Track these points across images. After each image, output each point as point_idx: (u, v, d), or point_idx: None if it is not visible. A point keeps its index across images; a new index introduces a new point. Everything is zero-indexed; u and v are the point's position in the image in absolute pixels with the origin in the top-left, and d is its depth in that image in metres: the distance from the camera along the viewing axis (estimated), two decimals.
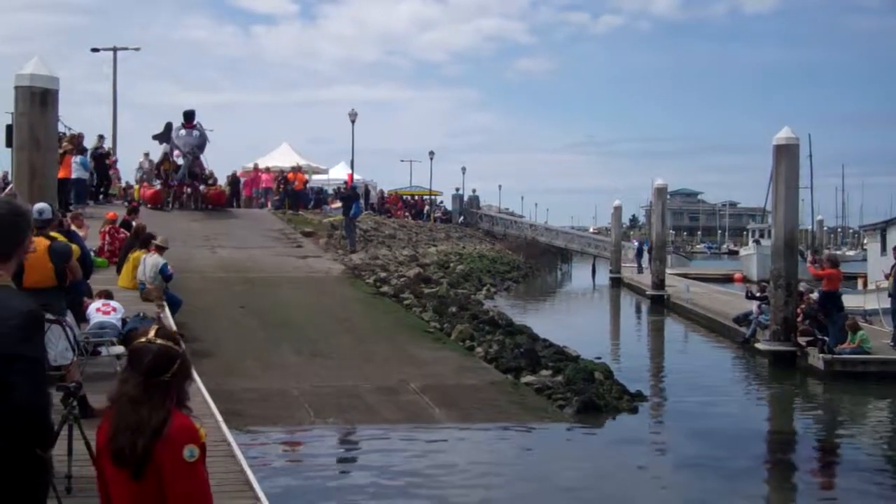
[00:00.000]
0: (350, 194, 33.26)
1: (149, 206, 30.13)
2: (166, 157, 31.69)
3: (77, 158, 25.94)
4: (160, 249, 15.79)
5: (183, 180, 31.50)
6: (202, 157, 32.34)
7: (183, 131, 30.68)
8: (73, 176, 25.67)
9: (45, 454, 3.70)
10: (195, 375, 3.63)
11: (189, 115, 31.03)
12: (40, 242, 8.04)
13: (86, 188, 27.28)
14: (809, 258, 25.66)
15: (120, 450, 3.33)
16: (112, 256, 18.85)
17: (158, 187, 31.93)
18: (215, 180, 35.36)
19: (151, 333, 3.48)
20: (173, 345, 3.46)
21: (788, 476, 11.77)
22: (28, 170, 11.82)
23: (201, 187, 32.89)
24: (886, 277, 19.87)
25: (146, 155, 35.78)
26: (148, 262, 15.49)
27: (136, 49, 45.99)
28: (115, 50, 43.97)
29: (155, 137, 32.66)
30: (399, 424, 12.64)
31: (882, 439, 13.98)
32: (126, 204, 26.95)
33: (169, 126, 31.43)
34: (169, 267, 15.64)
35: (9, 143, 14.72)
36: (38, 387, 3.61)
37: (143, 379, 3.36)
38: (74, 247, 8.66)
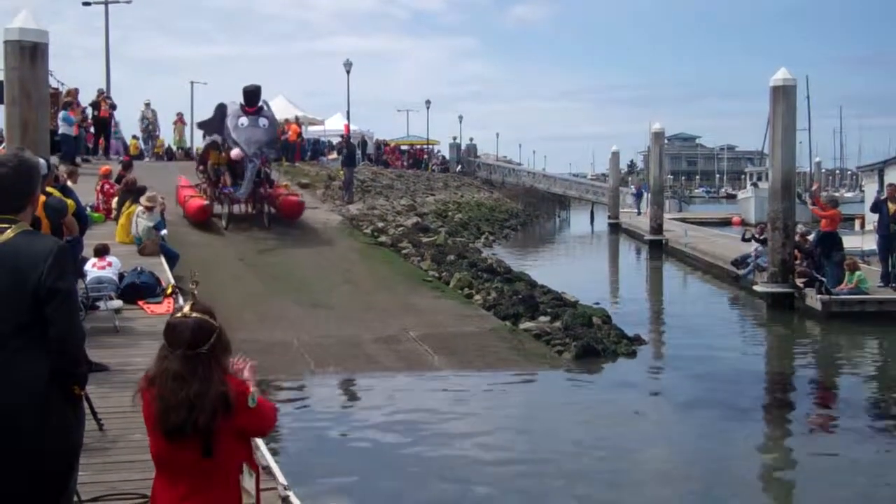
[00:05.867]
0: (353, 147, 32.82)
1: (193, 222, 20.91)
2: (215, 145, 22.01)
3: (60, 114, 25.54)
4: (148, 209, 15.69)
5: (248, 194, 21.29)
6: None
7: (244, 119, 20.80)
8: (60, 132, 25.21)
9: (82, 390, 3.90)
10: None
11: (252, 96, 21.31)
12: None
13: (72, 144, 26.62)
14: (810, 201, 25.72)
15: (177, 427, 3.35)
16: (108, 212, 18.82)
17: (203, 197, 21.71)
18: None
19: (187, 308, 3.55)
20: (209, 318, 3.51)
21: (787, 416, 11.84)
22: (20, 125, 11.76)
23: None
24: (873, 211, 19.87)
25: (147, 105, 35.36)
26: (140, 222, 15.50)
27: (128, 2, 45.32)
28: (106, 3, 43.41)
29: (201, 126, 23.73)
30: (399, 372, 12.74)
31: (879, 378, 14.06)
32: (121, 160, 26.65)
33: (221, 109, 21.51)
34: (164, 222, 15.76)
35: (0, 101, 14.59)
36: (73, 320, 3.83)
37: (182, 352, 3.40)
38: (69, 201, 8.62)
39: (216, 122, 21.66)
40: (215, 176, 21.90)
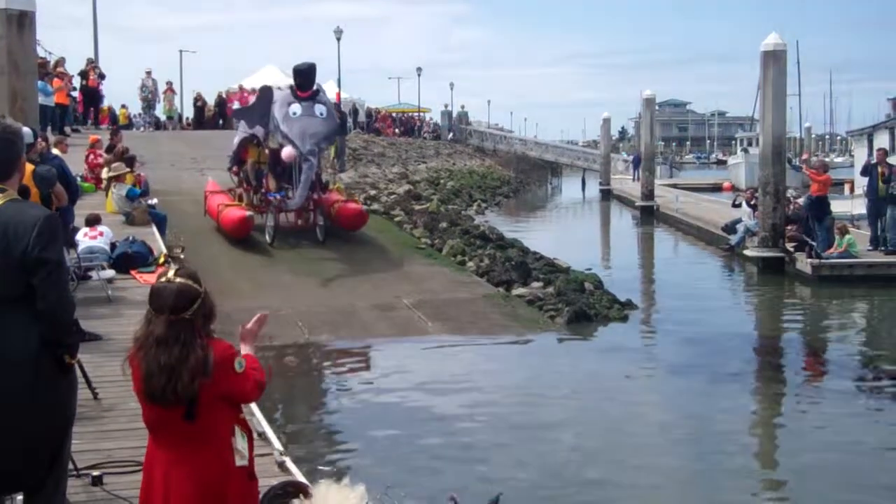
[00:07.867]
0: (344, 115, 32.68)
1: (231, 237, 17.08)
2: (254, 140, 17.98)
3: (38, 84, 25.16)
4: (118, 178, 15.58)
5: (302, 204, 17.04)
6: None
7: (297, 106, 16.36)
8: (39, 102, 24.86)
9: (73, 359, 3.91)
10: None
11: (305, 76, 16.89)
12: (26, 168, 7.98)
13: (51, 115, 26.31)
14: (804, 166, 25.85)
15: (159, 391, 3.38)
16: (98, 182, 18.71)
17: (242, 206, 17.51)
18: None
19: (171, 273, 3.54)
20: (193, 283, 3.50)
21: (777, 379, 11.95)
22: (9, 95, 11.69)
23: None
24: (863, 175, 19.97)
25: (148, 73, 34.97)
26: (115, 196, 15.44)
27: None
28: None
29: (239, 115, 20.09)
30: (393, 339, 12.79)
31: (867, 341, 14.18)
32: (110, 128, 26.45)
33: (267, 95, 17.28)
34: (138, 189, 15.65)
35: None
36: (62, 289, 3.83)
37: (165, 317, 3.41)
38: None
39: (259, 111, 17.39)
40: (256, 179, 17.94)
